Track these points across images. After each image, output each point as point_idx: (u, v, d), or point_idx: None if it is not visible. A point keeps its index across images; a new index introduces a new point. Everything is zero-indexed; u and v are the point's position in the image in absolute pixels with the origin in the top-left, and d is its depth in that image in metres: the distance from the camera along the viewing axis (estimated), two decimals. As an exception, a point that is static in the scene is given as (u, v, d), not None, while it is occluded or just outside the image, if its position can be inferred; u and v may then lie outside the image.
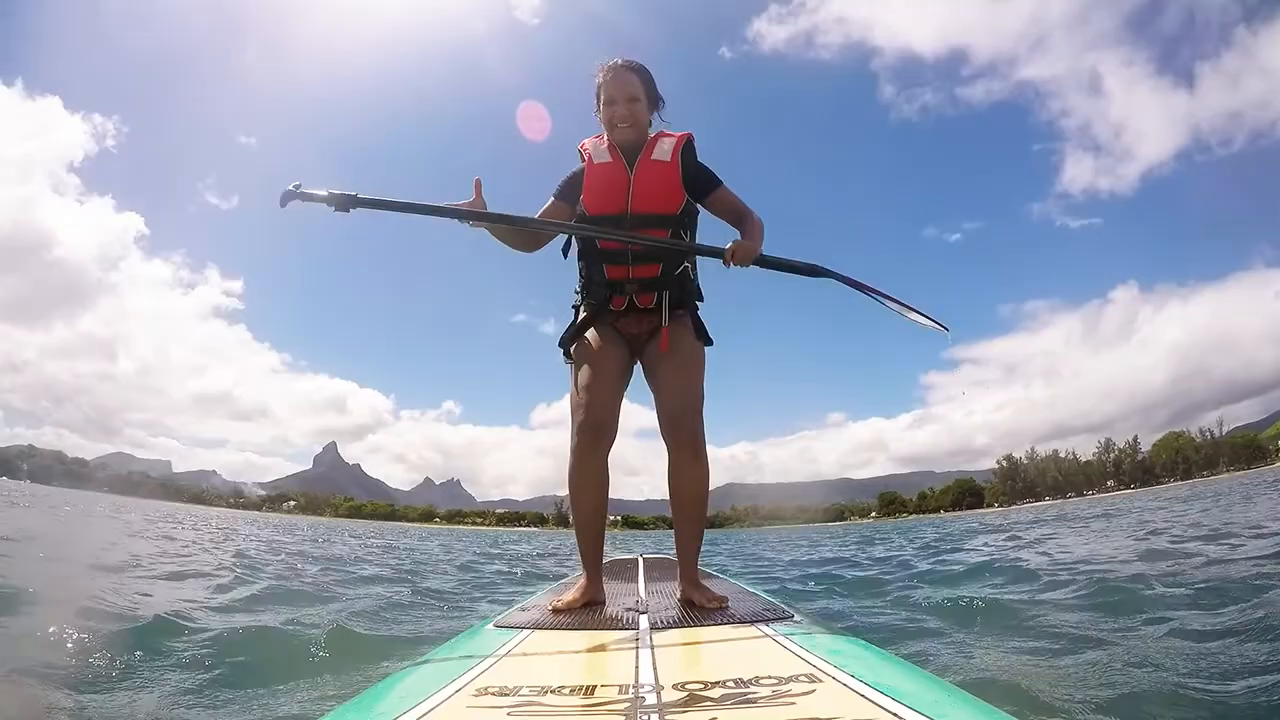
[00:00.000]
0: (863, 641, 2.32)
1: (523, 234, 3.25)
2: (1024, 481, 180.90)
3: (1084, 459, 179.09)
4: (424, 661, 2.28)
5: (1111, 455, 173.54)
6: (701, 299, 3.30)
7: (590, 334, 3.19)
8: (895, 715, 1.41)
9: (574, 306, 3.32)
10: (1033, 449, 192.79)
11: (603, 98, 3.23)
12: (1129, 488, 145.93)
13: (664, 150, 3.19)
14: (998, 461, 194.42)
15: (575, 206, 3.24)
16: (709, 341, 3.26)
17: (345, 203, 2.89)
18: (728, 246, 3.01)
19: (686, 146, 3.22)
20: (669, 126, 3.32)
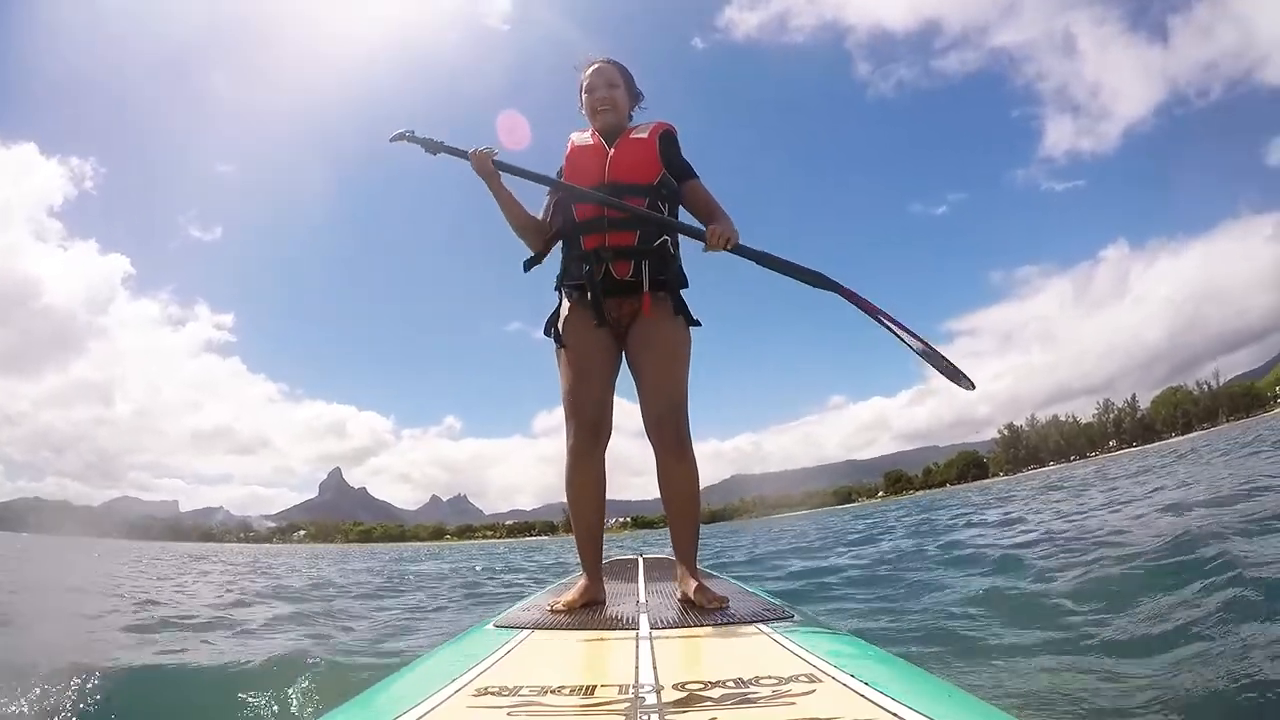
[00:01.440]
0: (863, 641, 2.31)
1: (541, 230, 3.32)
2: (1026, 449, 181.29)
3: (1085, 421, 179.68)
4: (424, 661, 2.26)
5: (1111, 415, 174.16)
6: (685, 284, 3.26)
7: (576, 322, 3.17)
8: (895, 715, 1.40)
9: (555, 289, 3.33)
10: (1033, 415, 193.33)
11: (585, 87, 3.38)
12: (1131, 445, 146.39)
13: (643, 131, 3.30)
14: (999, 431, 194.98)
15: (559, 194, 3.30)
16: (694, 323, 3.23)
17: (434, 147, 3.35)
18: (708, 228, 3.03)
19: (666, 133, 3.30)
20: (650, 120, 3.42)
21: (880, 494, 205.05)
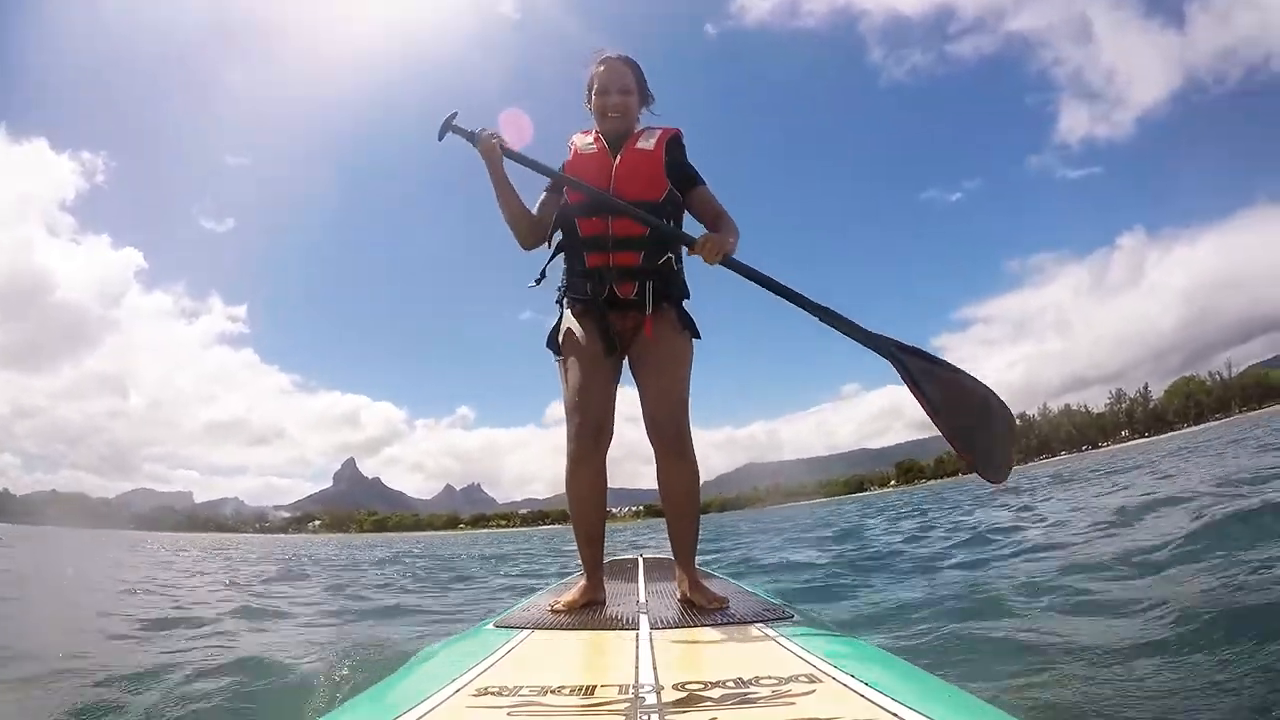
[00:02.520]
0: (863, 641, 2.34)
1: (532, 224, 3.24)
2: (1038, 439, 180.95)
3: (1097, 411, 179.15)
4: (424, 661, 2.28)
5: (1123, 406, 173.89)
6: (688, 295, 3.25)
7: (577, 331, 3.14)
8: (895, 715, 1.40)
9: (557, 302, 3.29)
10: (1045, 405, 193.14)
11: (596, 87, 3.25)
12: (1143, 436, 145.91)
13: (649, 140, 3.21)
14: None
15: (561, 197, 3.24)
16: (696, 335, 3.22)
17: (473, 140, 3.23)
18: (698, 236, 2.99)
19: (673, 140, 3.24)
20: (658, 123, 3.33)
21: (892, 483, 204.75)
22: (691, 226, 3.26)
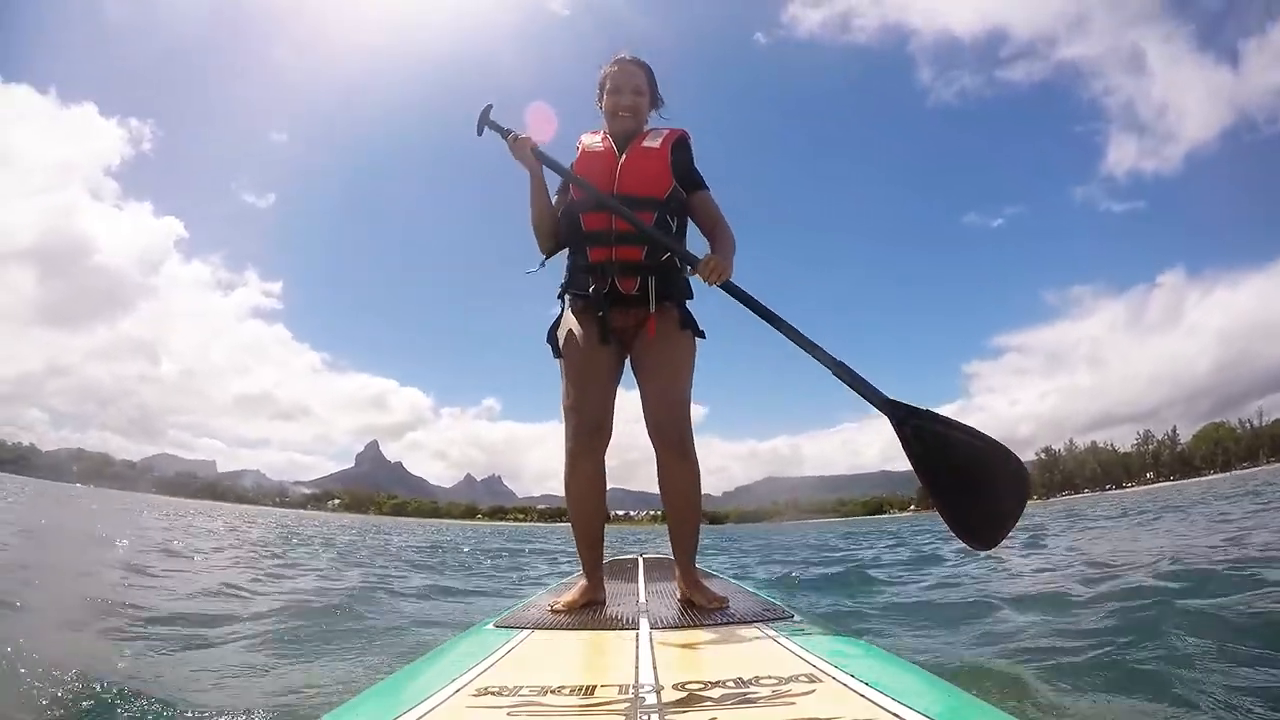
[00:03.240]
0: (863, 641, 2.33)
1: (556, 229, 3.26)
2: (1062, 474, 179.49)
3: (1124, 450, 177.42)
4: (424, 661, 2.28)
5: (1150, 447, 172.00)
6: (691, 295, 3.25)
7: (577, 330, 3.13)
8: (895, 715, 1.40)
9: (559, 297, 3.30)
10: (1071, 440, 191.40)
11: (608, 87, 3.29)
12: (1168, 479, 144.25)
13: (655, 139, 3.23)
14: (1036, 454, 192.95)
15: (569, 197, 3.26)
16: (699, 334, 3.22)
17: (507, 138, 3.28)
18: (703, 257, 2.97)
19: (680, 141, 3.25)
20: (672, 126, 3.35)
21: (912, 507, 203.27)
22: (692, 229, 3.28)
